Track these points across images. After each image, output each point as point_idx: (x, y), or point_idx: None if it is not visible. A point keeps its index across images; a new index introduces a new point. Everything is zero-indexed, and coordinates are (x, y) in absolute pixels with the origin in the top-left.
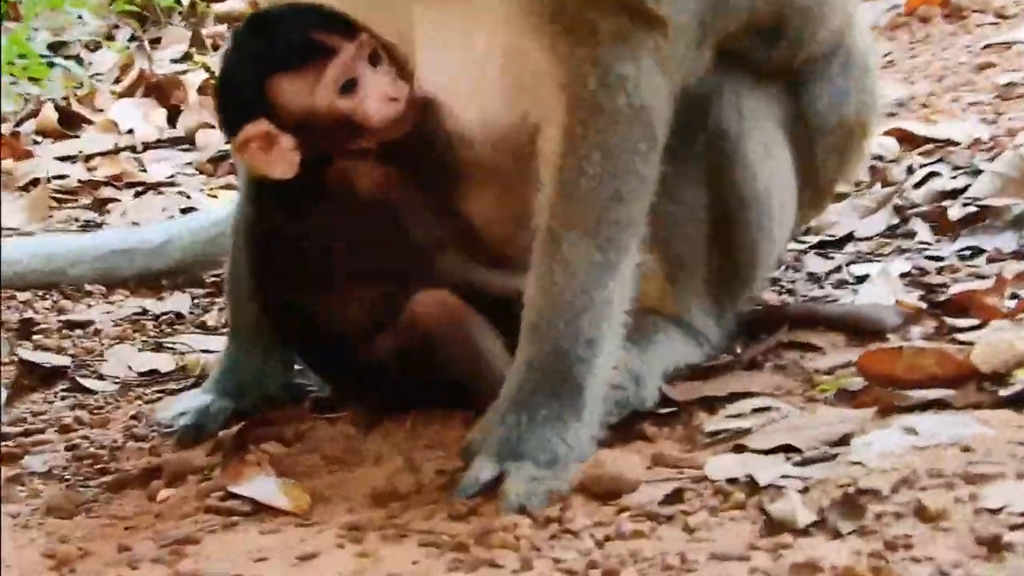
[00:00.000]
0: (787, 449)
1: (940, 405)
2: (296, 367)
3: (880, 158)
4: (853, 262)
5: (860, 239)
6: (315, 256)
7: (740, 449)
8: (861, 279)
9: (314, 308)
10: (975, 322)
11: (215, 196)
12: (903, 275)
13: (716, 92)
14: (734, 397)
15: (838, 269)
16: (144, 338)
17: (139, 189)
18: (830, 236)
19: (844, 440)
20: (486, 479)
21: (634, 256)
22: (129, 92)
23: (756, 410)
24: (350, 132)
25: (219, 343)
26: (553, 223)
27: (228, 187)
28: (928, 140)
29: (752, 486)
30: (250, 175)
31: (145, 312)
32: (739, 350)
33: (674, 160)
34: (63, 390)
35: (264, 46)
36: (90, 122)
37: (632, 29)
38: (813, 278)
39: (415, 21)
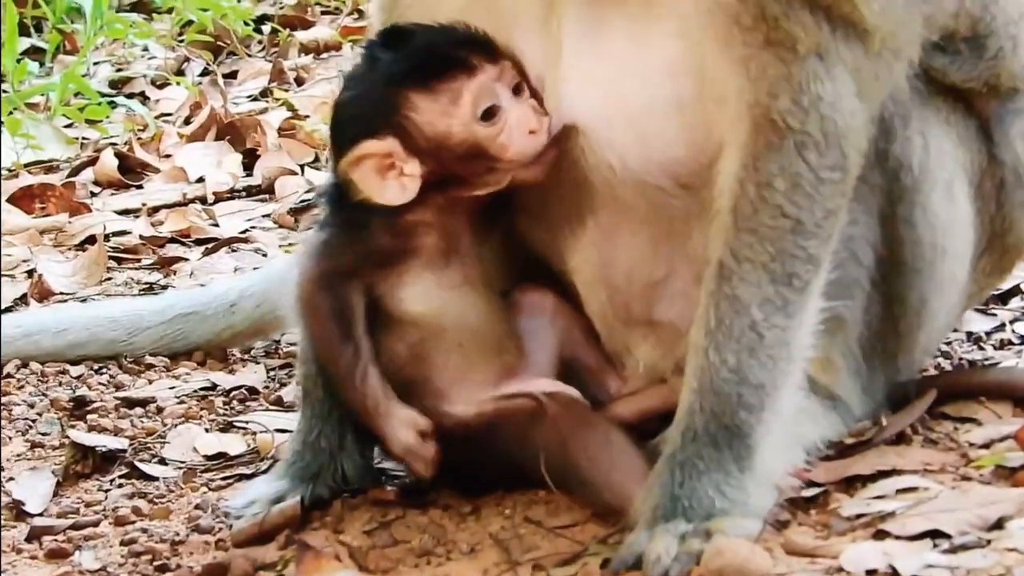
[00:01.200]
0: (935, 535)
1: None
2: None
3: None
4: (1019, 319)
5: None
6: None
7: (882, 535)
8: None
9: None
10: None
11: None
12: None
13: (901, 118)
14: (877, 476)
15: (1001, 327)
16: (212, 417)
17: (209, 246)
18: (994, 290)
19: (1000, 523)
20: (639, 549)
21: (816, 299)
22: (199, 135)
23: (902, 490)
24: (482, 165)
25: (296, 421)
26: (724, 255)
27: None
28: None
29: None
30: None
31: (213, 387)
32: (884, 421)
33: None
34: (120, 476)
35: (400, 59)
36: (155, 170)
37: (832, 43)
38: (972, 338)
39: (564, 31)
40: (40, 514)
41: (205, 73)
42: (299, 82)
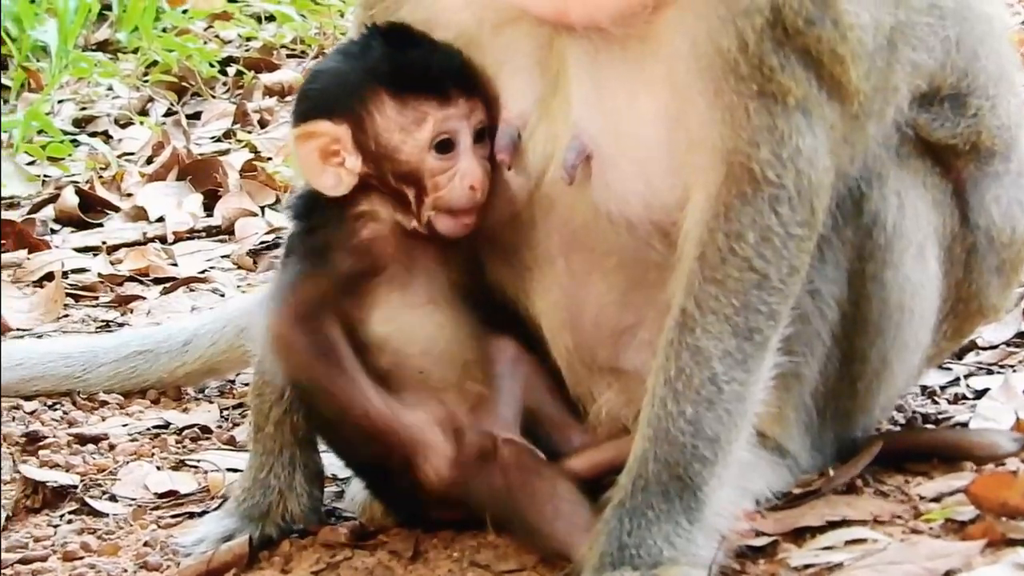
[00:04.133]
0: None
1: None
2: (327, 487)
3: None
4: (973, 374)
5: (984, 348)
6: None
7: None
8: (981, 394)
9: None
10: None
11: None
12: None
13: (879, 176)
14: (827, 527)
15: (956, 382)
16: (164, 455)
17: (167, 286)
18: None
19: None
20: None
21: (772, 354)
22: (161, 174)
23: (850, 542)
24: (411, 192)
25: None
26: (688, 303)
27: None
28: None
29: None
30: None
31: (166, 425)
32: (831, 471)
33: (815, 243)
34: (70, 512)
35: (390, 58)
36: (116, 208)
37: (818, 100)
38: (926, 392)
39: (564, 73)
40: None
41: (169, 113)
42: (263, 124)
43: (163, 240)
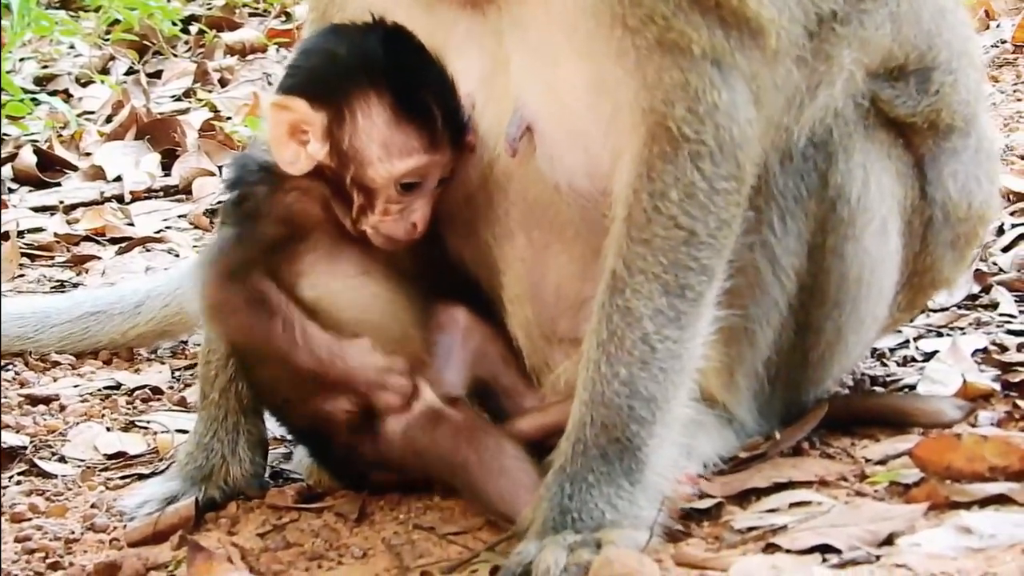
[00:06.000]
0: (824, 549)
1: (1001, 501)
2: (275, 449)
3: None
4: (922, 336)
5: (934, 310)
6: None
7: (772, 549)
8: (930, 356)
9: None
10: None
11: None
12: (977, 351)
13: (845, 150)
14: (773, 489)
15: (905, 344)
16: (114, 416)
17: (123, 245)
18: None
19: (890, 539)
20: (527, 560)
21: (709, 309)
22: (119, 133)
23: (795, 504)
24: (356, 202)
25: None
26: (617, 265)
27: None
28: None
29: None
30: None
31: (118, 386)
32: (777, 435)
33: (778, 214)
34: (19, 473)
35: (398, 68)
36: (74, 168)
37: (728, 49)
38: (876, 355)
39: (507, 51)
40: None
41: (130, 72)
42: (223, 83)
43: (120, 200)
